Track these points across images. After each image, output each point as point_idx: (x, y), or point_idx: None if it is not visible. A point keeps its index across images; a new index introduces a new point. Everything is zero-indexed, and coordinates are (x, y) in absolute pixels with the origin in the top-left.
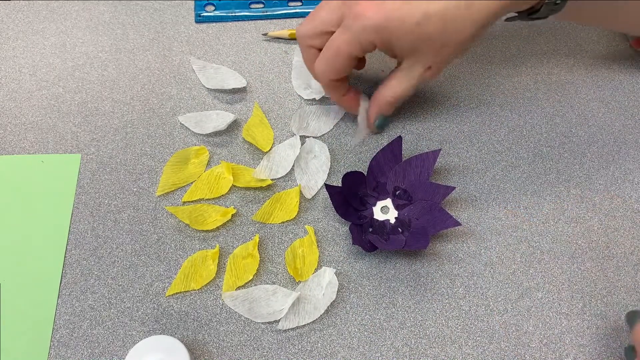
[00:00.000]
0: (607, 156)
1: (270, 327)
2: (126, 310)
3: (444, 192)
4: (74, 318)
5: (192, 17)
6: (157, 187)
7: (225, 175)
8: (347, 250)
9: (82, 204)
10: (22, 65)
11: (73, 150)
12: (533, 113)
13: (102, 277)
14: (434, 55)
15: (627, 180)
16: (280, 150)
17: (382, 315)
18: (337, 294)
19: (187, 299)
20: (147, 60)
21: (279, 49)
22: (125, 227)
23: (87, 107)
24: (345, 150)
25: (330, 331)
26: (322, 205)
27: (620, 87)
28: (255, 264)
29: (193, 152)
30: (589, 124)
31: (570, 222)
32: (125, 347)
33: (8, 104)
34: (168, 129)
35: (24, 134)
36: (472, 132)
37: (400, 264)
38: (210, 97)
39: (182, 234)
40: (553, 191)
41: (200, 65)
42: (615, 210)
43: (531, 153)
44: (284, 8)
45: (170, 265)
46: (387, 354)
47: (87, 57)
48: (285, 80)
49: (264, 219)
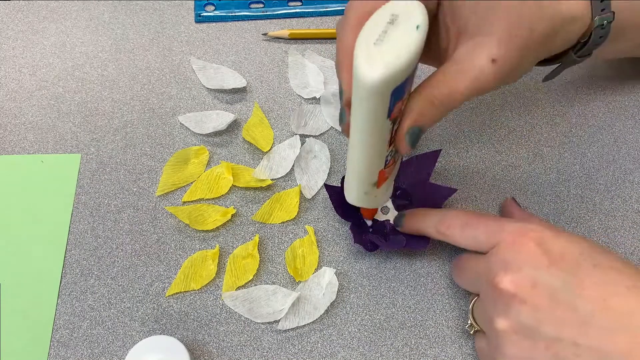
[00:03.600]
0: (607, 156)
1: (270, 327)
2: (126, 310)
3: (445, 194)
4: (74, 318)
5: (192, 17)
6: (157, 187)
7: (225, 175)
8: (347, 250)
9: (82, 204)
10: (22, 65)
11: (73, 150)
12: (533, 113)
13: (102, 277)
14: (504, 38)
15: (627, 180)
16: (280, 150)
17: (382, 315)
18: (337, 294)
19: (187, 299)
20: (147, 60)
21: (279, 49)
22: (125, 227)
23: (87, 107)
24: (345, 150)
25: (330, 331)
26: (322, 205)
27: (620, 87)
28: (255, 264)
29: (193, 152)
30: (589, 124)
31: (570, 222)
32: (125, 347)
33: (8, 104)
34: (168, 129)
35: (24, 134)
36: (472, 132)
37: (400, 264)
38: (210, 97)
39: (182, 234)
40: (553, 191)
41: (200, 65)
42: (615, 210)
43: (531, 153)
44: (284, 8)
45: (170, 265)
46: (387, 354)
47: (87, 57)
48: (285, 80)
49: (264, 219)
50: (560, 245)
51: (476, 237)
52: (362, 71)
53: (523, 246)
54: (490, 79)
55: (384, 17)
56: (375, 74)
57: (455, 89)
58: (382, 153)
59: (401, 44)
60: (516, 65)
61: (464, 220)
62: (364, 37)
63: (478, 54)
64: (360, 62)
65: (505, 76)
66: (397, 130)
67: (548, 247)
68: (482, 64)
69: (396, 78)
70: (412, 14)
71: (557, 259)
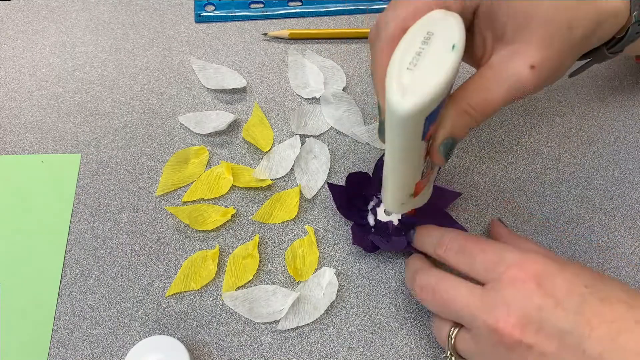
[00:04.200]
0: (607, 156)
1: (270, 327)
2: (126, 310)
3: (449, 197)
4: (74, 318)
5: (192, 17)
6: (157, 187)
7: (225, 175)
8: (347, 250)
9: (82, 204)
10: (22, 65)
11: (73, 150)
12: (533, 113)
13: (102, 277)
14: (543, 43)
15: (627, 180)
16: (280, 150)
17: (382, 315)
18: (337, 294)
19: (187, 299)
20: (147, 60)
21: (279, 49)
22: (125, 227)
23: (87, 107)
24: (345, 150)
25: (330, 331)
26: (322, 205)
27: (621, 87)
28: (255, 264)
29: (193, 152)
30: (589, 124)
31: (570, 222)
32: (125, 347)
33: (8, 104)
34: (168, 129)
35: (24, 134)
36: (472, 132)
37: (401, 264)
38: (210, 97)
39: (182, 234)
40: (553, 191)
41: (200, 65)
42: (615, 210)
43: (531, 153)
44: (284, 8)
45: (170, 265)
46: (387, 354)
47: (87, 57)
48: (285, 80)
49: (264, 219)
50: (563, 279)
51: (472, 265)
52: (394, 101)
53: (526, 284)
54: (529, 85)
55: (419, 35)
56: (407, 105)
57: (492, 97)
58: (418, 168)
59: (435, 69)
60: (555, 69)
61: (461, 245)
62: (397, 60)
63: (516, 61)
64: (391, 90)
65: (543, 81)
66: (432, 143)
67: (551, 284)
68: (521, 70)
69: (430, 106)
70: (449, 30)
71: (563, 296)
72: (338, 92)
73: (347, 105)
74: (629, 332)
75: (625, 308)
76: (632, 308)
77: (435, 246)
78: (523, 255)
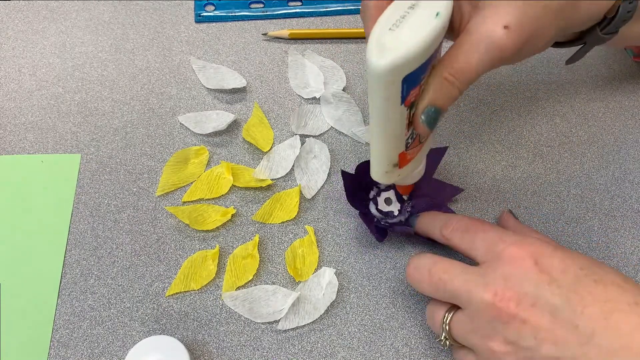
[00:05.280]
0: (607, 156)
1: (270, 327)
2: (126, 310)
3: (450, 193)
4: (74, 318)
5: (192, 17)
6: (157, 187)
7: (225, 175)
8: (347, 250)
9: (82, 204)
10: (22, 65)
11: (73, 150)
12: (533, 113)
13: (102, 277)
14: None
15: (627, 180)
16: (280, 150)
17: (382, 315)
18: (337, 294)
19: (187, 299)
20: (147, 60)
21: (279, 49)
22: (125, 227)
23: (87, 107)
24: (345, 150)
25: (330, 331)
26: (322, 205)
27: (621, 87)
28: (255, 264)
29: (193, 152)
30: (589, 124)
31: (570, 222)
32: (125, 347)
33: (8, 104)
34: (168, 129)
35: (24, 134)
36: (472, 132)
37: (400, 264)
38: (210, 97)
39: (182, 234)
40: (553, 191)
41: (200, 65)
42: (615, 210)
43: (531, 153)
44: (284, 8)
45: (170, 265)
46: (387, 354)
47: (87, 57)
48: (285, 80)
49: (264, 219)
50: (560, 260)
51: (474, 243)
52: (370, 58)
53: (523, 261)
54: (504, 47)
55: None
56: (382, 62)
57: (470, 61)
58: (400, 137)
59: (416, 31)
60: (531, 33)
61: (467, 225)
62: (382, 22)
63: (489, 22)
64: (371, 49)
65: (520, 44)
66: (415, 112)
67: (548, 263)
68: (495, 30)
69: (406, 66)
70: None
71: (558, 275)
72: (338, 92)
73: (347, 105)
74: (622, 312)
75: (619, 291)
76: (625, 291)
77: (442, 227)
78: (521, 237)
